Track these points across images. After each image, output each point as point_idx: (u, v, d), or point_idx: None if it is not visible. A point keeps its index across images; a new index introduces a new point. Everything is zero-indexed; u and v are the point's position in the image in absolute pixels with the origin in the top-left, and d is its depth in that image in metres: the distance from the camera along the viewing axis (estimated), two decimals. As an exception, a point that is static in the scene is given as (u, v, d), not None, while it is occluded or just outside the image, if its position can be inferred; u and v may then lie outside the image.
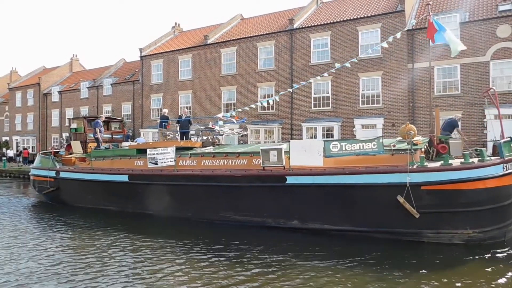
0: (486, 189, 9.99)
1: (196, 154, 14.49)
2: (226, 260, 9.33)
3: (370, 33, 24.22)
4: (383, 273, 8.23)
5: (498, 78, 21.32)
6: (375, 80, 23.79)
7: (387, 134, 22.73)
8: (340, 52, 24.89)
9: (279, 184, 11.84)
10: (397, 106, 23.06)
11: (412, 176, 10.04)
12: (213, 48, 30.22)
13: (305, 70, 26.03)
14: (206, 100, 30.13)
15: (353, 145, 11.01)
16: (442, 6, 24.70)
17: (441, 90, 22.55)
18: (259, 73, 27.91)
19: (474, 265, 8.75)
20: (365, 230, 10.98)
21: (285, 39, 26.99)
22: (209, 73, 30.19)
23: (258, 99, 27.65)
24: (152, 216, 14.43)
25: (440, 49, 22.52)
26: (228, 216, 13.01)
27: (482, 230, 10.12)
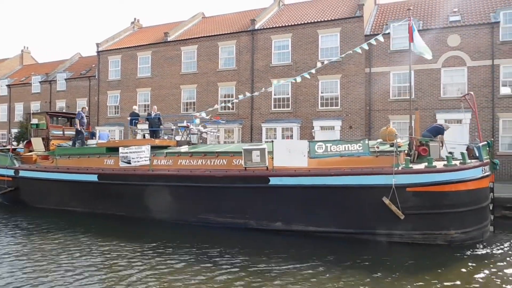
0: (468, 191, 10.29)
1: (172, 153, 13.97)
2: (205, 264, 8.95)
3: (330, 37, 24.71)
4: (372, 275, 8.22)
5: (448, 85, 22.38)
6: (334, 83, 24.30)
7: (344, 136, 23.28)
8: (301, 55, 25.24)
9: (262, 185, 11.57)
10: (355, 109, 23.66)
11: (398, 178, 10.12)
12: (174, 45, 29.76)
13: (266, 71, 26.18)
14: (165, 98, 29.60)
15: (338, 146, 10.95)
16: (397, 14, 25.62)
17: (396, 94, 23.36)
18: (220, 72, 27.77)
19: (459, 265, 8.98)
20: (350, 231, 10.88)
21: (247, 40, 27.02)
22: (169, 71, 29.69)
23: (218, 99, 27.56)
24: (125, 218, 13.77)
25: (396, 55, 23.38)
26: (207, 218, 12.57)
27: (464, 231, 10.36)
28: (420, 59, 22.42)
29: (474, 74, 21.69)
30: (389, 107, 23.27)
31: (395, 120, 23.11)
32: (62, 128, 19.34)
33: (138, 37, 34.59)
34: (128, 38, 35.56)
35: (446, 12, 24.17)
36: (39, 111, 30.58)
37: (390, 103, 23.28)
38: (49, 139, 18.43)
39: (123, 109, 31.43)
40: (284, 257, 9.52)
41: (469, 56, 21.83)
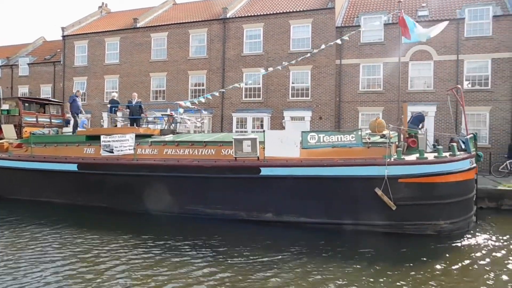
0: (456, 182, 10.50)
1: (157, 142, 13.47)
2: (195, 258, 8.66)
3: (301, 28, 24.75)
4: (366, 266, 8.25)
5: (415, 78, 22.91)
6: (305, 73, 24.40)
7: (314, 127, 23.49)
8: (272, 45, 25.17)
9: (253, 175, 11.39)
10: (325, 100, 23.88)
11: (390, 169, 10.18)
12: (143, 32, 29.04)
13: (237, 60, 25.99)
14: (134, 85, 28.91)
15: (331, 137, 10.87)
16: (368, 7, 25.91)
17: (365, 86, 23.71)
18: (190, 60, 27.35)
19: (450, 254, 9.21)
20: (342, 222, 10.84)
21: (218, 28, 26.69)
22: (138, 58, 28.99)
23: (188, 87, 27.21)
24: (107, 210, 13.26)
25: (366, 48, 23.69)
26: (195, 209, 12.26)
27: (452, 221, 10.59)
28: (388, 51, 22.99)
29: (440, 68, 22.29)
30: (358, 98, 23.61)
31: (363, 112, 23.52)
32: (36, 115, 18.46)
33: (106, 23, 33.56)
34: (95, 23, 34.43)
35: (415, 6, 24.65)
36: (11, 97, 29.19)
37: (359, 95, 23.62)
38: (21, 126, 17.51)
39: (90, 96, 30.54)
40: (275, 248, 9.42)
41: (436, 51, 22.38)
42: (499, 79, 21.34)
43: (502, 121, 21.15)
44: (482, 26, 21.94)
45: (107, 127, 15.94)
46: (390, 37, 23.20)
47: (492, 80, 21.53)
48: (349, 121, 23.63)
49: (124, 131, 13.97)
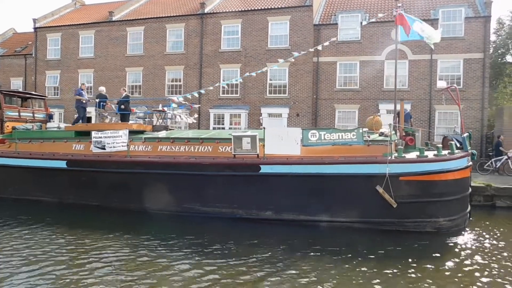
0: (455, 180, 10.68)
1: (152, 139, 13.10)
2: (188, 258, 8.45)
3: (279, 25, 24.79)
4: (370, 264, 8.25)
5: (391, 77, 23.27)
6: (283, 71, 24.45)
7: (291, 124, 23.60)
8: (250, 41, 25.13)
9: (253, 173, 11.18)
10: (302, 97, 24.01)
11: (391, 167, 10.21)
12: (119, 26, 28.49)
13: (215, 56, 25.83)
14: (109, 80, 28.33)
15: (332, 135, 10.82)
16: (345, 5, 26.17)
17: (342, 84, 23.96)
18: (167, 55, 27.01)
19: (450, 251, 9.47)
20: (343, 220, 10.81)
21: (196, 23, 26.45)
22: (113, 52, 28.42)
23: (165, 83, 26.88)
24: (100, 208, 12.81)
25: (343, 46, 23.93)
26: (193, 208, 11.99)
27: (451, 219, 10.75)
28: (365, 50, 23.28)
29: (415, 67, 22.75)
30: (335, 96, 23.85)
31: (340, 109, 23.77)
32: (18, 109, 17.70)
33: (80, 15, 32.76)
34: (69, 15, 33.57)
35: (391, 6, 25.02)
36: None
37: (336, 93, 23.86)
38: (3, 121, 16.57)
39: (63, 90, 29.76)
40: (278, 247, 9.32)
41: (411, 50, 22.82)
42: (471, 79, 21.94)
43: (473, 120, 21.76)
44: (454, 27, 22.49)
45: (98, 123, 15.22)
46: (367, 35, 23.51)
47: (464, 80, 22.12)
48: (326, 118, 23.85)
49: (117, 127, 13.54)
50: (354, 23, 23.78)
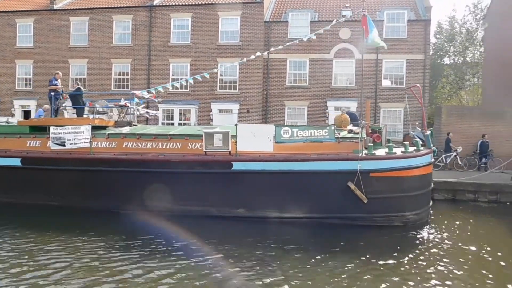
0: (420, 176, 11.18)
1: (116, 135, 12.45)
2: (149, 260, 8.06)
3: (230, 20, 24.63)
4: (337, 259, 8.38)
5: (339, 75, 23.90)
6: (233, 66, 24.27)
7: (242, 120, 23.55)
8: (201, 36, 24.77)
9: (225, 170, 11.02)
10: (252, 93, 24.03)
11: (362, 163, 10.48)
12: (61, 15, 27.00)
13: (164, 49, 25.22)
14: (50, 72, 26.55)
15: (304, 132, 10.87)
16: (296, 3, 26.48)
17: (292, 81, 24.24)
18: (114, 48, 25.99)
19: (417, 243, 9.93)
20: (316, 216, 10.88)
21: (144, 15, 25.65)
22: (55, 42, 26.89)
23: (112, 76, 25.88)
24: (61, 208, 11.91)
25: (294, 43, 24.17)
26: (162, 206, 11.53)
27: (416, 213, 11.22)
28: (314, 48, 23.67)
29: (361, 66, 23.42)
30: (285, 93, 24.09)
31: (290, 106, 24.05)
32: None
33: (17, 1, 30.62)
34: (4, 1, 31.33)
35: (339, 6, 25.65)
36: None
37: (286, 89, 24.11)
38: None
39: (-2, 82, 27.81)
40: (247, 244, 9.28)
41: (358, 50, 23.49)
42: (413, 78, 22.98)
43: (415, 118, 22.74)
44: (398, 29, 23.44)
45: (56, 118, 14.10)
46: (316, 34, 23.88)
47: (406, 79, 23.13)
48: (276, 114, 24.04)
49: (78, 122, 12.71)
50: (304, 21, 24.15)
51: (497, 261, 8.62)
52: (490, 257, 8.84)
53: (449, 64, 39.84)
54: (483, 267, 8.20)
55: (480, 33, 36.51)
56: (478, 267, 8.27)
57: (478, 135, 19.85)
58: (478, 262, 8.55)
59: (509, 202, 15.19)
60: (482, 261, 8.66)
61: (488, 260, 8.66)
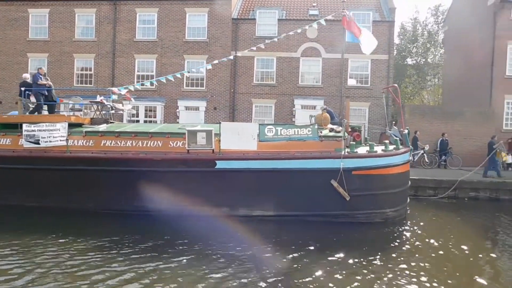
0: (399, 173, 11.55)
1: (94, 132, 12.05)
2: (135, 260, 7.91)
3: (197, 16, 24.34)
4: (326, 255, 8.53)
5: (306, 73, 24.12)
6: (200, 63, 24.03)
7: (209, 117, 23.37)
8: (167, 32, 24.35)
9: (208, 169, 10.91)
10: (220, 91, 23.87)
11: (345, 162, 10.71)
12: (19, 6, 25.77)
13: (130, 45, 24.61)
14: (7, 66, 25.61)
15: (288, 130, 10.94)
16: (263, 1, 26.49)
17: (259, 79, 24.25)
18: (76, 42, 25.12)
19: (391, 239, 10.30)
20: (299, 214, 10.95)
21: (108, 9, 24.92)
22: (12, 35, 25.66)
23: (74, 72, 25.02)
24: (37, 209, 11.42)
25: (261, 41, 24.16)
26: (142, 206, 11.20)
27: (396, 209, 11.59)
28: (281, 46, 23.75)
29: (328, 65, 23.78)
30: (252, 90, 24.08)
31: (257, 104, 24.06)
32: None
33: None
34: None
35: (306, 5, 25.88)
36: None
37: (253, 87, 24.10)
38: None
39: (-50, 75, 26.29)
40: (229, 243, 9.27)
41: (324, 49, 23.80)
42: (377, 78, 23.52)
43: (378, 116, 23.35)
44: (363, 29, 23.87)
45: (29, 115, 13.44)
46: (284, 32, 23.96)
47: (371, 79, 23.63)
48: (243, 112, 23.99)
49: (53, 119, 12.15)
50: (271, 19, 24.20)
51: (465, 255, 9.08)
52: (457, 251, 9.29)
53: (412, 65, 41.04)
54: (452, 261, 8.58)
55: (440, 35, 37.81)
56: (447, 260, 8.59)
57: (439, 133, 20.56)
58: (447, 256, 8.89)
59: (467, 197, 15.85)
60: (450, 255, 9.03)
61: (456, 254, 9.09)
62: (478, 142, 21.18)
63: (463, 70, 26.61)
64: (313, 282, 7.16)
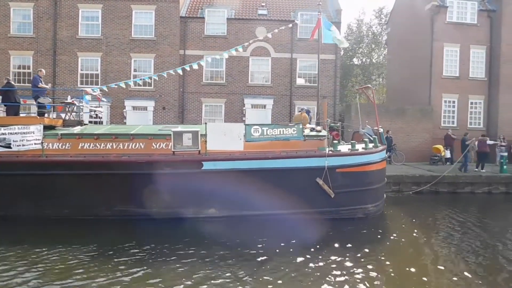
0: (378, 170, 12.24)
1: (70, 135, 11.45)
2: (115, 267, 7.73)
3: (144, 14, 23.65)
4: (322, 251, 8.85)
5: (255, 73, 24.18)
6: (148, 62, 23.48)
7: (157, 117, 22.84)
8: (112, 29, 23.47)
9: (195, 170, 10.83)
10: (168, 90, 23.37)
11: (329, 160, 11.10)
12: None
13: (72, 42, 23.46)
14: None
15: (274, 130, 11.20)
16: (213, 0, 26.24)
17: (208, 78, 24.01)
18: (12, 38, 23.57)
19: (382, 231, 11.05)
20: (286, 212, 11.01)
21: (47, 4, 23.59)
22: None
23: (10, 69, 23.48)
24: (6, 218, 10.74)
25: (210, 40, 23.97)
26: (126, 210, 10.94)
27: (376, 204, 12.24)
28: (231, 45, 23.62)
29: (277, 65, 24.00)
30: (202, 90, 23.80)
31: (207, 103, 23.82)
32: None
33: None
34: None
35: (255, 5, 25.94)
36: None
37: (203, 86, 23.82)
38: None
39: None
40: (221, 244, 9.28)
41: (273, 48, 23.98)
42: (325, 77, 24.02)
43: (327, 115, 23.83)
44: (311, 30, 24.30)
45: (2, 116, 12.57)
46: (233, 31, 23.97)
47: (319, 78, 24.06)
48: (193, 112, 23.66)
49: (26, 121, 11.53)
50: (220, 18, 24.05)
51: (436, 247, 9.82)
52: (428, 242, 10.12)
53: (358, 65, 42.45)
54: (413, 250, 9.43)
55: (384, 36, 39.37)
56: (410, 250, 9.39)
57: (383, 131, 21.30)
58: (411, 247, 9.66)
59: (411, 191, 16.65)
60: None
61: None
62: (420, 139, 22.31)
63: (405, 70, 27.87)
64: (305, 279, 7.37)
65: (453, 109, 24.45)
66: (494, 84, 24.38)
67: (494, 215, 14.03)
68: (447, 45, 24.20)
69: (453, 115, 24.46)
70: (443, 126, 23.95)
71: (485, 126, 24.53)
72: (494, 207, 15.63)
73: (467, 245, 9.78)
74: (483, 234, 10.94)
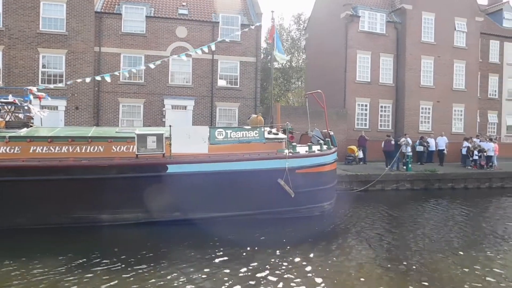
0: (331, 171, 13.08)
1: (20, 138, 10.56)
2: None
3: (54, 6, 21.98)
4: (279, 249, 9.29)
5: (176, 73, 23.69)
6: (59, 58, 21.86)
7: (70, 118, 21.41)
8: (16, 21, 21.47)
9: (159, 173, 10.73)
10: (82, 89, 21.95)
11: (290, 161, 11.66)
12: None
13: (-33, 33, 21.11)
14: None
15: (237, 133, 11.65)
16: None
17: (126, 77, 22.99)
18: None
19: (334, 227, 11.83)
20: (250, 213, 11.51)
21: None
22: None
23: None
24: None
25: (128, 38, 23.01)
26: (87, 217, 10.52)
27: (330, 203, 13.08)
28: (150, 44, 22.98)
29: (198, 65, 23.74)
30: (119, 89, 22.75)
31: (125, 103, 22.84)
32: None
33: None
34: None
35: (176, 4, 25.42)
36: None
37: (120, 86, 22.78)
38: None
39: None
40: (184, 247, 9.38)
41: (194, 49, 23.63)
42: (246, 79, 24.29)
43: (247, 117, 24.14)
44: (233, 32, 24.40)
45: None
46: (152, 30, 23.26)
47: (240, 80, 24.30)
48: (109, 112, 22.53)
49: None
50: (139, 16, 23.20)
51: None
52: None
53: (278, 68, 43.54)
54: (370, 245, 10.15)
55: (302, 41, 40.87)
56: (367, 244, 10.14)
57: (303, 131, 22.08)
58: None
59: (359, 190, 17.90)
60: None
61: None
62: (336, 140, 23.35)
63: (322, 74, 29.17)
64: (270, 279, 7.63)
65: (365, 112, 26.13)
66: (400, 90, 26.51)
67: (400, 209, 15.25)
68: (360, 52, 25.79)
69: (365, 118, 26.15)
70: (357, 128, 25.48)
71: (393, 127, 26.55)
72: (402, 202, 16.93)
73: (377, 235, 10.90)
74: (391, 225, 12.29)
